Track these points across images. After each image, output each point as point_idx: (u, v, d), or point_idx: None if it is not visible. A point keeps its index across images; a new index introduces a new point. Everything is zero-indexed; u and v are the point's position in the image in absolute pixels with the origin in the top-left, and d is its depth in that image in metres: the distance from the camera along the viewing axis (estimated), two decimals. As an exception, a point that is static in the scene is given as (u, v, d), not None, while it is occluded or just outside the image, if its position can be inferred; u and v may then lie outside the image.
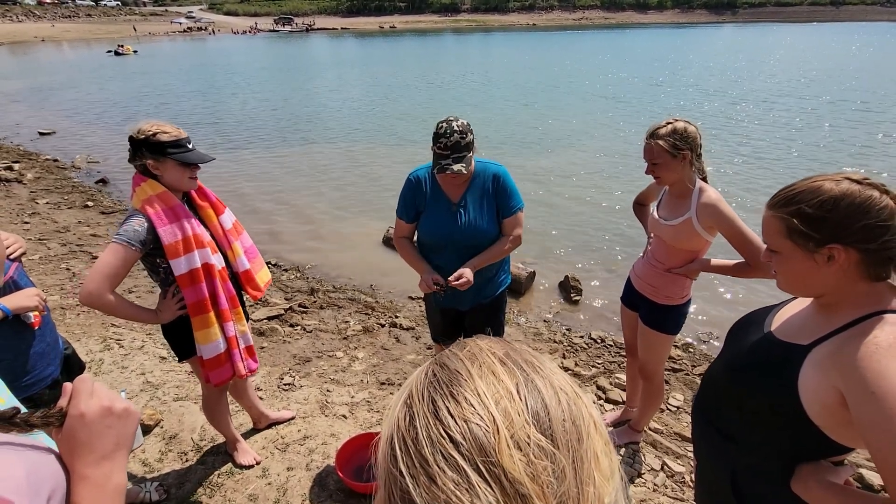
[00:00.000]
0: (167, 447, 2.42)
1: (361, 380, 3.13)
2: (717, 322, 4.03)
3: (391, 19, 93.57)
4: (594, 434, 0.37)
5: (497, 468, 0.32)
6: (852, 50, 29.51)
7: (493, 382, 0.36)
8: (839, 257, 0.92)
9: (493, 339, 0.43)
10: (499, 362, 0.38)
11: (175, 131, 1.70)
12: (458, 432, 0.33)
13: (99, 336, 3.39)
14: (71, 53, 36.34)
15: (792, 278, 1.02)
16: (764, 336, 1.08)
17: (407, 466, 0.34)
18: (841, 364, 0.88)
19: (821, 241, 0.93)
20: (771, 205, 1.01)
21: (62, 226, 5.65)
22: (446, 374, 0.38)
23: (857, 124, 10.38)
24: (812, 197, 0.94)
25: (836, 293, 0.97)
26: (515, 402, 0.35)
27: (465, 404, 0.35)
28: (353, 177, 8.03)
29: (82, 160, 8.80)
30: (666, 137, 1.80)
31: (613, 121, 11.63)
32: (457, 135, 1.80)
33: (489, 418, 0.34)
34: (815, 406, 0.92)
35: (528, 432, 0.33)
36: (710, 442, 1.18)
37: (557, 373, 0.40)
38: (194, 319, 1.81)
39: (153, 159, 1.67)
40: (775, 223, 0.99)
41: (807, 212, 0.94)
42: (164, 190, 1.70)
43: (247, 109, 13.94)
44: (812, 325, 1.01)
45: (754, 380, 1.04)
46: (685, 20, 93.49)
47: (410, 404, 0.37)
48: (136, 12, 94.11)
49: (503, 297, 2.25)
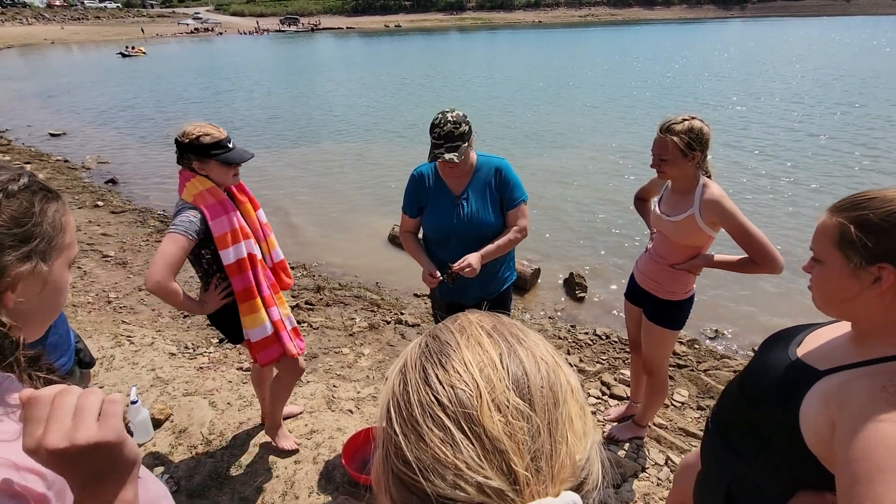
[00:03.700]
0: (177, 441, 2.47)
1: (367, 375, 3.16)
2: (723, 318, 4.02)
3: (396, 18, 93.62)
4: (570, 399, 0.40)
5: (478, 427, 0.35)
6: (874, 45, 29.04)
7: (479, 352, 0.40)
8: (887, 280, 0.82)
9: (483, 313, 0.47)
10: (486, 334, 0.42)
11: (216, 132, 1.79)
12: (445, 396, 0.37)
13: (110, 333, 3.45)
14: (80, 55, 36.75)
15: (829, 294, 0.92)
16: (785, 353, 1.02)
17: (400, 426, 0.38)
18: (843, 398, 0.82)
19: (872, 257, 0.83)
20: (834, 208, 0.91)
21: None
22: (437, 344, 0.42)
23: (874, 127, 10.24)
24: (881, 206, 0.83)
25: (875, 322, 0.87)
26: (498, 370, 0.38)
27: (452, 372, 0.38)
28: (359, 175, 8.07)
29: (92, 161, 8.91)
30: (681, 135, 1.78)
31: (618, 117, 11.57)
32: (450, 125, 1.83)
33: (473, 384, 0.37)
34: (812, 435, 0.87)
35: (507, 396, 0.37)
36: (716, 450, 1.16)
37: (540, 344, 0.43)
38: (242, 306, 1.90)
39: (198, 161, 1.78)
40: (830, 228, 0.89)
41: (869, 220, 0.83)
42: (213, 185, 1.81)
43: (253, 109, 14.03)
44: (839, 353, 0.92)
45: (762, 396, 1.00)
46: (692, 16, 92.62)
47: (405, 371, 0.41)
48: (144, 14, 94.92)
49: (508, 293, 2.27)
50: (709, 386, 3.06)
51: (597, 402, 2.92)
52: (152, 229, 5.79)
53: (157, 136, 10.95)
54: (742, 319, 4.01)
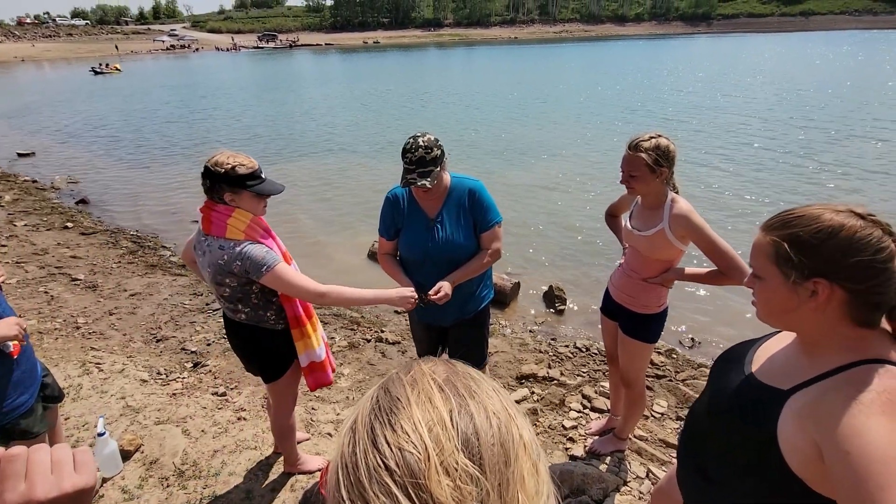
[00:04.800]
0: (147, 473, 2.37)
1: (347, 396, 3.11)
2: (700, 328, 4.09)
3: (375, 34, 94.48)
4: (522, 456, 0.39)
5: (426, 493, 0.35)
6: (830, 58, 30.49)
7: (429, 410, 0.39)
8: (822, 293, 0.85)
9: (438, 362, 0.46)
10: (437, 389, 0.41)
11: (249, 162, 1.76)
12: (393, 460, 0.36)
13: (78, 360, 3.32)
14: (51, 73, 35.98)
15: (771, 308, 0.96)
16: (745, 377, 1.02)
17: (347, 490, 0.37)
18: (818, 417, 0.82)
19: (807, 273, 0.86)
20: (765, 226, 0.95)
21: (41, 248, 5.55)
22: (388, 400, 0.41)
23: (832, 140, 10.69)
24: (809, 223, 0.87)
25: (816, 333, 0.91)
26: (447, 430, 0.38)
27: (400, 432, 0.38)
28: (337, 192, 8.04)
29: (62, 181, 8.68)
30: (649, 151, 1.83)
31: (594, 132, 11.84)
32: (422, 150, 1.83)
33: (421, 446, 0.37)
34: (794, 457, 0.85)
35: (456, 458, 0.36)
36: (692, 479, 1.14)
37: (494, 397, 0.42)
38: (297, 331, 1.93)
39: (231, 192, 1.73)
40: (765, 246, 0.93)
41: (800, 237, 0.87)
42: (253, 216, 1.80)
43: (232, 128, 13.91)
44: (794, 368, 0.94)
45: (735, 424, 0.99)
46: (662, 31, 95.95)
47: (355, 430, 0.41)
48: (119, 31, 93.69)
49: (486, 312, 2.27)
50: (687, 396, 3.09)
51: (578, 415, 2.92)
52: (124, 250, 5.64)
53: (131, 155, 10.75)
54: (719, 328, 4.09)
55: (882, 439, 0.74)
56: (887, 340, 0.87)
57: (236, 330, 1.94)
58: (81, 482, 0.52)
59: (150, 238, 6.23)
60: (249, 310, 1.86)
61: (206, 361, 3.41)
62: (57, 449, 0.55)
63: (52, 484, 0.51)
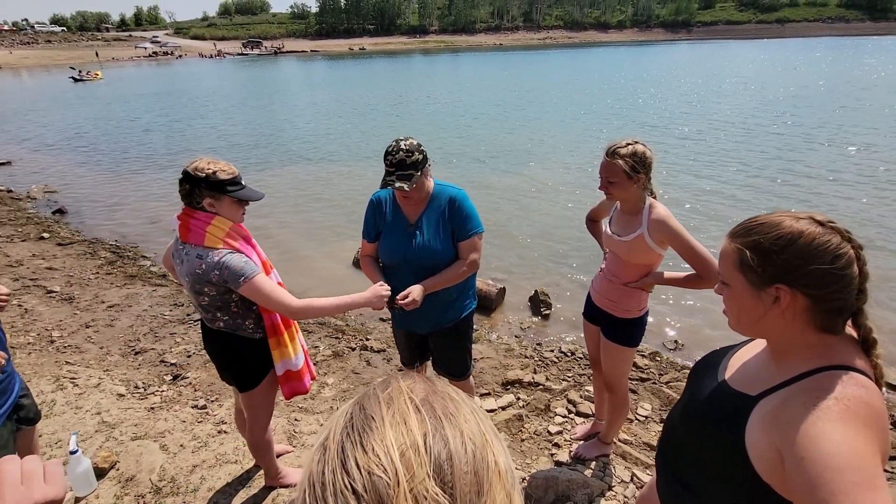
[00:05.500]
0: (123, 491, 2.30)
1: (331, 406, 3.06)
2: (683, 330, 4.13)
3: (361, 41, 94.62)
4: (496, 485, 0.38)
5: None
6: (804, 64, 31.31)
7: (403, 432, 0.38)
8: (784, 300, 0.87)
9: (418, 379, 0.45)
10: (413, 409, 0.40)
11: (230, 169, 1.74)
12: (361, 484, 0.35)
13: (52, 375, 3.23)
14: (29, 80, 35.27)
15: (738, 315, 0.97)
16: (718, 384, 1.04)
17: None
18: (779, 422, 0.84)
19: (768, 279, 0.88)
20: (731, 234, 0.97)
21: (15, 260, 5.40)
22: (361, 418, 0.40)
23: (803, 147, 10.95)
24: (770, 230, 0.89)
25: (783, 340, 0.92)
26: (420, 454, 0.36)
27: (371, 454, 0.36)
28: (322, 199, 7.98)
29: (39, 190, 8.48)
30: (626, 158, 1.86)
31: (578, 137, 11.96)
32: (402, 153, 1.84)
33: (392, 470, 0.35)
34: (761, 463, 0.86)
35: (426, 486, 0.35)
36: (670, 487, 1.14)
37: (472, 420, 0.41)
38: (273, 339, 1.90)
39: (211, 197, 1.71)
40: (730, 253, 0.95)
41: (762, 244, 0.89)
42: (232, 223, 1.77)
43: (214, 135, 13.76)
44: (764, 375, 0.95)
45: (708, 431, 1.00)
46: (644, 38, 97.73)
47: (326, 447, 0.40)
48: (99, 37, 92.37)
49: (468, 321, 2.24)
50: (671, 398, 3.11)
51: (563, 420, 2.92)
52: (103, 261, 5.52)
53: (110, 164, 10.55)
54: (703, 331, 4.13)
55: (837, 446, 0.74)
56: (853, 347, 0.88)
57: (214, 337, 1.91)
58: (52, 493, 0.54)
59: (130, 248, 6.11)
60: (228, 318, 1.84)
61: (186, 373, 3.34)
62: (27, 461, 0.56)
63: (21, 495, 0.52)
